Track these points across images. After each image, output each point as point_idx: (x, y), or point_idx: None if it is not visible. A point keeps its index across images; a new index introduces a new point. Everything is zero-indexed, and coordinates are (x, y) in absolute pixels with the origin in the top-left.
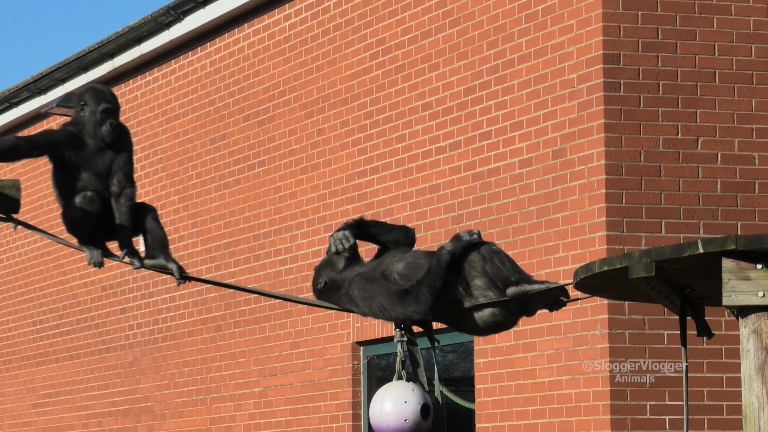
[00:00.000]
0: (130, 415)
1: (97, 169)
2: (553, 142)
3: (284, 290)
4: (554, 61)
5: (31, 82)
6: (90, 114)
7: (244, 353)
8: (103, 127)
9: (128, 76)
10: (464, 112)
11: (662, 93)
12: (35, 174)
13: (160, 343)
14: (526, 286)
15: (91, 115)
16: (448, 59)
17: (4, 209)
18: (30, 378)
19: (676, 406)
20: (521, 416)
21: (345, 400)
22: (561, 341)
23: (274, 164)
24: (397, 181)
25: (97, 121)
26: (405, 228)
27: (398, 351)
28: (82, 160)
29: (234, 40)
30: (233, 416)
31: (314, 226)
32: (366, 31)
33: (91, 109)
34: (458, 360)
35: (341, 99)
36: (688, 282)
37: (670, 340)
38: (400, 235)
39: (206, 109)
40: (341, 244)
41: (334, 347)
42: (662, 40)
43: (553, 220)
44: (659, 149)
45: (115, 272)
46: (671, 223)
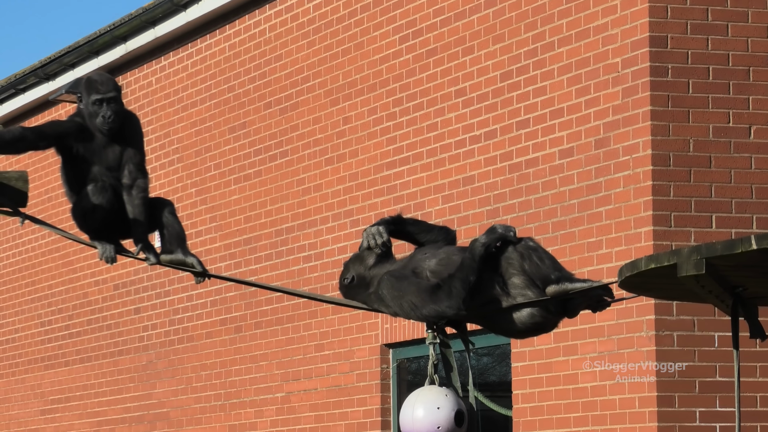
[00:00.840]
0: (145, 421)
1: (108, 161)
2: (595, 131)
3: (308, 288)
4: (597, 44)
5: (38, 67)
6: (85, 105)
7: (265, 356)
8: (98, 118)
9: (142, 60)
10: (500, 98)
11: (712, 78)
12: (43, 165)
13: (176, 345)
14: (567, 285)
15: (85, 107)
16: (483, 42)
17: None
18: (38, 382)
19: (727, 412)
20: (562, 424)
21: (373, 406)
22: (604, 344)
23: (297, 155)
24: (429, 173)
25: (91, 112)
26: (446, 229)
27: (430, 354)
28: (91, 152)
29: (255, 22)
30: (254, 423)
31: (340, 220)
32: (395, 12)
33: (84, 100)
34: (494, 364)
35: (369, 85)
36: (741, 280)
37: (720, 342)
38: (440, 236)
39: (225, 95)
40: (374, 240)
41: (362, 350)
42: (712, 21)
43: (595, 215)
44: (709, 138)
45: (129, 270)
46: (722, 218)
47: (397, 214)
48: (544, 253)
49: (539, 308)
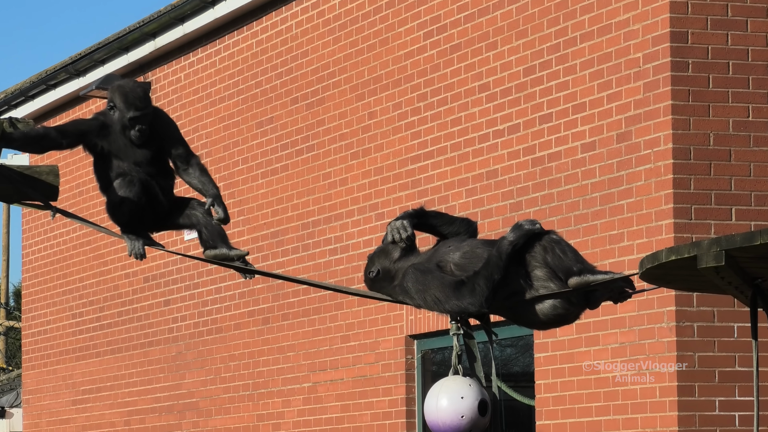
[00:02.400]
0: (174, 411)
1: (135, 157)
2: (617, 125)
3: (334, 281)
4: (619, 39)
5: (69, 63)
6: (119, 117)
7: (292, 347)
8: (132, 131)
9: (171, 56)
10: (523, 93)
11: (732, 73)
12: (74, 160)
13: (205, 336)
14: (589, 277)
15: (119, 119)
16: (507, 38)
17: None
18: (69, 373)
19: (746, 402)
20: (584, 413)
21: (398, 396)
22: (626, 335)
23: (323, 149)
24: (453, 167)
25: (125, 125)
26: (467, 220)
27: (454, 345)
28: (117, 149)
29: (281, 19)
30: (282, 413)
31: (365, 213)
32: (420, 9)
33: (121, 114)
34: (517, 354)
35: (393, 80)
36: (760, 272)
37: (740, 333)
38: (462, 228)
39: (252, 91)
40: (398, 234)
41: (387, 341)
42: (732, 17)
43: (617, 208)
44: (729, 132)
45: (158, 263)
46: (742, 210)
47: (420, 207)
48: (567, 246)
49: (561, 300)
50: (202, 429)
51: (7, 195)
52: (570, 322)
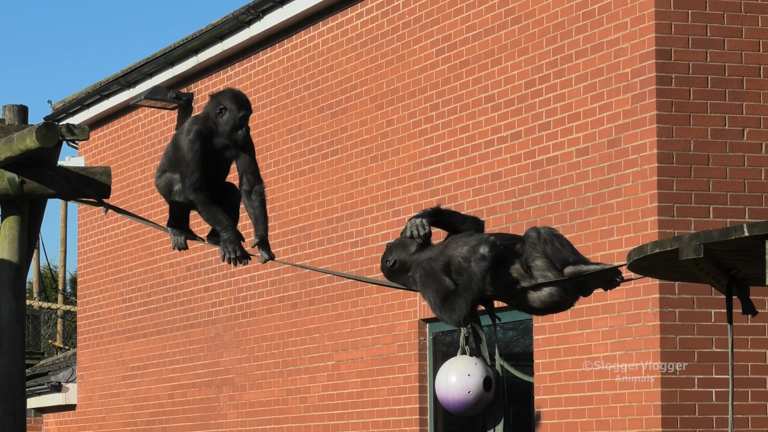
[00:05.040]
0: (213, 386)
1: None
2: (608, 133)
3: (355, 271)
4: (610, 56)
5: (120, 75)
6: (230, 118)
7: (318, 329)
8: (239, 131)
9: (211, 70)
10: (525, 104)
11: (711, 87)
12: (125, 162)
13: (240, 319)
14: (582, 267)
15: (230, 119)
16: (510, 54)
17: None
18: (120, 352)
19: (722, 379)
20: (577, 389)
21: (412, 373)
22: (615, 319)
23: (346, 153)
24: (461, 169)
25: (236, 125)
26: (476, 219)
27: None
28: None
29: (309, 37)
30: (308, 387)
31: (383, 211)
32: (432, 29)
33: (232, 114)
34: (518, 336)
35: (409, 92)
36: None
37: (717, 317)
38: (472, 225)
39: (283, 101)
40: (417, 231)
41: (402, 324)
42: (711, 37)
43: (608, 206)
44: (708, 139)
45: (199, 253)
46: (719, 209)
47: (437, 206)
48: (565, 241)
49: (558, 288)
50: (237, 402)
51: (65, 193)
52: (566, 308)
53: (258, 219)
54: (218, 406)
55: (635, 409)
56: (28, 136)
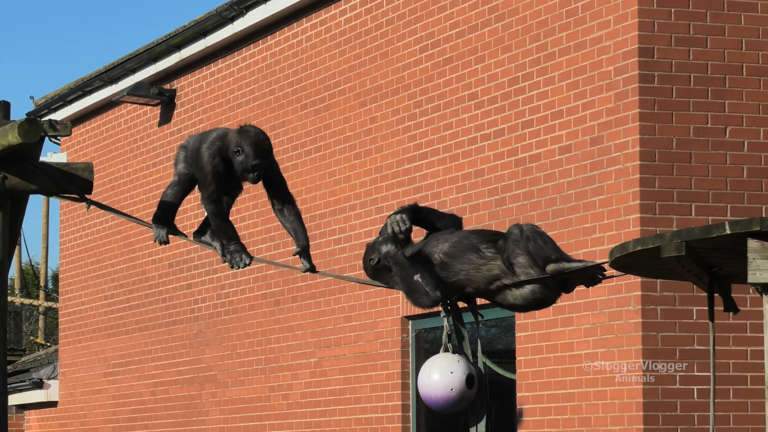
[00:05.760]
0: (195, 383)
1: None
2: (591, 130)
3: (338, 268)
4: (593, 54)
5: (103, 71)
6: (244, 160)
7: (301, 326)
8: (251, 175)
9: (194, 66)
10: (508, 101)
11: (693, 85)
12: (107, 158)
13: (223, 316)
14: (565, 264)
15: (244, 162)
16: (493, 52)
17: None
18: (101, 349)
19: (703, 376)
20: (559, 386)
21: (395, 370)
22: (597, 316)
23: (329, 150)
24: (445, 167)
25: (246, 169)
26: (454, 216)
27: (445, 325)
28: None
29: (293, 34)
30: (290, 384)
31: (366, 208)
32: (416, 26)
33: (248, 158)
34: (500, 334)
35: (393, 89)
36: (716, 261)
37: (698, 315)
38: (450, 222)
39: (267, 98)
40: (398, 226)
41: (385, 321)
42: (694, 35)
43: (590, 203)
44: (690, 137)
45: (182, 250)
46: (701, 206)
47: (415, 203)
48: (548, 238)
49: (540, 285)
50: (219, 399)
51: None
52: (548, 305)
53: (297, 231)
54: (200, 403)
55: (617, 407)
56: (10, 131)
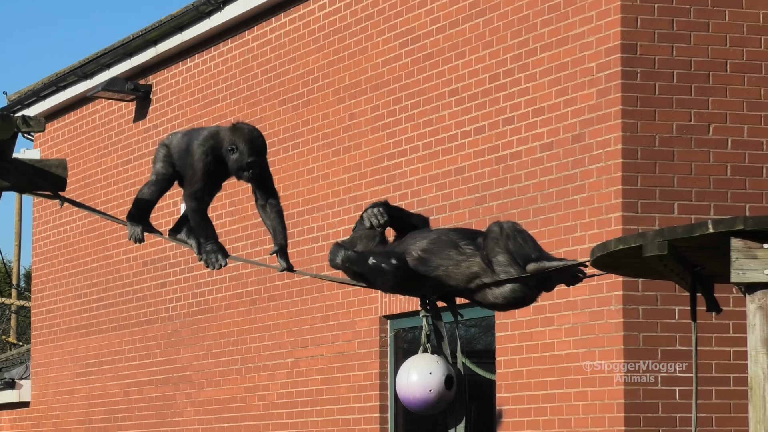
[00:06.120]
0: (170, 383)
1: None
2: (572, 128)
3: (316, 267)
4: (575, 50)
5: (77, 66)
6: (239, 158)
7: (277, 326)
8: (245, 173)
9: (170, 62)
10: (488, 98)
11: (676, 81)
12: (81, 154)
13: (198, 315)
14: (545, 263)
15: (239, 160)
16: (474, 48)
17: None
18: (75, 348)
19: (685, 377)
20: (539, 387)
21: (373, 370)
22: (578, 316)
23: (307, 146)
24: (424, 164)
25: (242, 167)
26: (421, 216)
27: (424, 325)
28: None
29: (271, 29)
30: (267, 385)
31: (345, 205)
32: (396, 21)
33: (242, 156)
34: (480, 334)
35: (372, 85)
36: (699, 260)
37: (681, 315)
38: (418, 222)
39: (244, 93)
40: (376, 219)
41: (363, 320)
42: (677, 31)
43: (571, 201)
44: (673, 135)
45: (157, 248)
46: (683, 205)
47: (385, 200)
48: (528, 236)
49: (520, 284)
50: (194, 399)
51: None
52: (528, 304)
53: (276, 229)
54: (175, 404)
55: (598, 408)
56: None
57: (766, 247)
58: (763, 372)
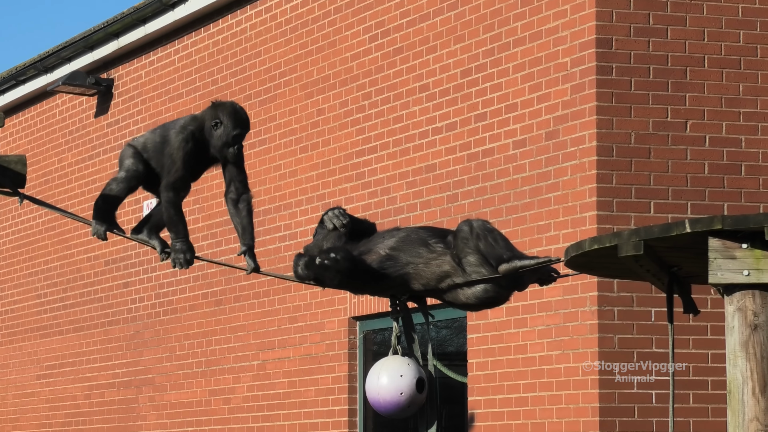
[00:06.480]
0: (132, 386)
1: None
2: (546, 124)
3: (283, 267)
4: (548, 44)
5: (37, 60)
6: (223, 134)
7: (243, 327)
8: (231, 149)
9: (133, 55)
10: (460, 93)
11: (653, 77)
12: (41, 150)
13: (161, 316)
14: (517, 263)
15: (223, 135)
16: (445, 42)
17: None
18: (34, 350)
19: (662, 381)
20: (512, 390)
21: (341, 373)
22: (552, 317)
23: (274, 143)
24: (394, 161)
25: (227, 142)
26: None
27: (394, 326)
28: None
29: (236, 21)
30: (232, 388)
31: (313, 204)
32: (365, 14)
33: (227, 130)
34: (452, 335)
35: (341, 80)
36: (676, 260)
37: (657, 317)
38: (370, 228)
39: (209, 88)
40: (338, 220)
41: (332, 322)
42: (653, 25)
43: (545, 200)
44: (649, 132)
45: (119, 247)
46: (660, 204)
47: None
48: (499, 235)
49: (492, 284)
50: (158, 403)
51: None
52: (500, 303)
53: (245, 228)
54: (138, 408)
55: (572, 411)
56: None
57: (744, 247)
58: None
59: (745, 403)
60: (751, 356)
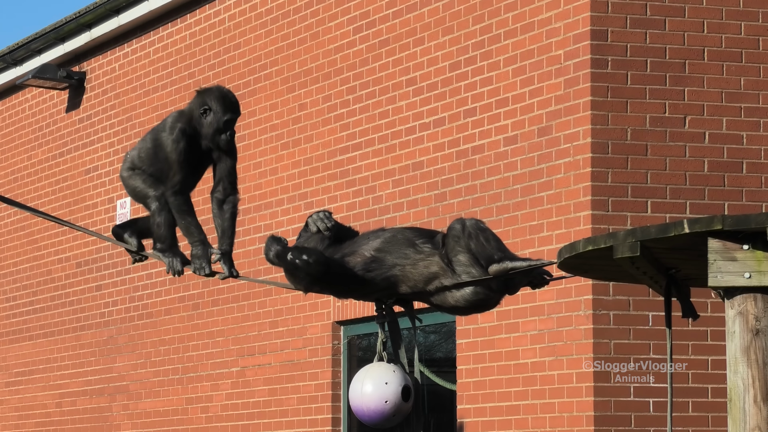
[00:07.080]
0: (105, 394)
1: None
2: (538, 120)
3: (263, 269)
4: (541, 36)
5: (6, 53)
6: (214, 120)
7: (222, 332)
8: (223, 135)
9: (106, 47)
10: (449, 88)
11: (650, 70)
12: (10, 147)
13: (136, 321)
14: (508, 264)
15: (214, 122)
16: (433, 34)
17: None
18: (3, 356)
19: (660, 388)
20: (503, 398)
21: (325, 380)
22: (544, 322)
23: (254, 139)
24: (380, 158)
25: (219, 129)
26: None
27: (379, 332)
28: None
29: (215, 12)
30: (210, 396)
31: (295, 203)
32: (350, 4)
33: (216, 116)
34: (440, 341)
35: (324, 73)
36: (674, 262)
37: (654, 321)
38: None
39: (185, 82)
40: (323, 223)
41: (314, 327)
42: (651, 16)
43: (537, 199)
44: (646, 128)
45: (91, 248)
46: (657, 203)
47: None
48: (491, 235)
49: (482, 286)
50: (132, 411)
51: None
52: (491, 307)
53: (225, 232)
54: (111, 416)
55: (566, 420)
56: None
57: (746, 248)
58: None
59: (746, 412)
60: (752, 362)
